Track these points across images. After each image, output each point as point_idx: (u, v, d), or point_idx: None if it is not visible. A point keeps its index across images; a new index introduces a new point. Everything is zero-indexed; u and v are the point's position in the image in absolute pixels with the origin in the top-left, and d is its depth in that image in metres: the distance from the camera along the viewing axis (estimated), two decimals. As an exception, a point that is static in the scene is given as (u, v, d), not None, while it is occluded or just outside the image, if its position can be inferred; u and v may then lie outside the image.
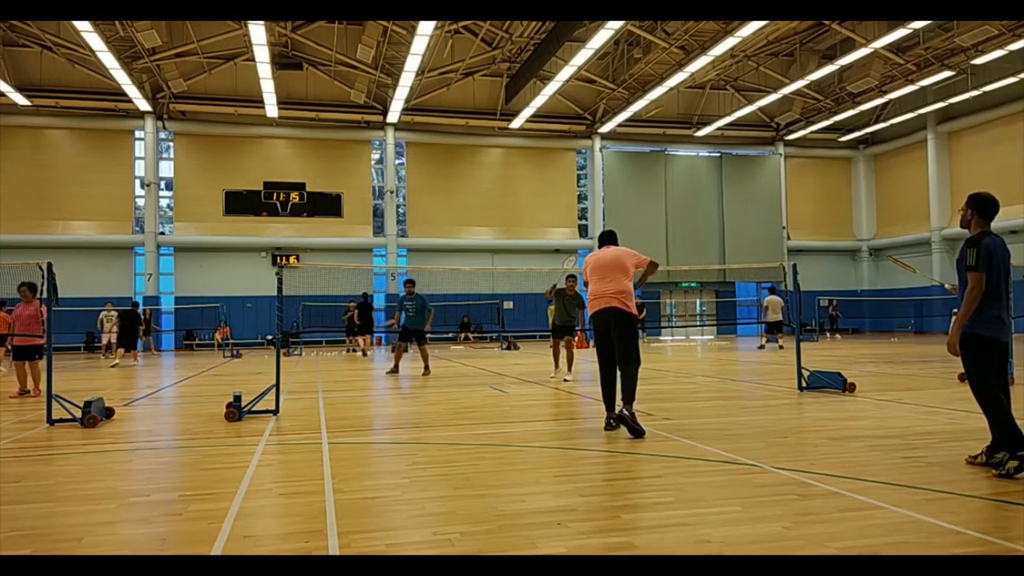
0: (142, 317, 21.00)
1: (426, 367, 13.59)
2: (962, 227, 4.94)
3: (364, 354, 21.56)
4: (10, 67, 25.66)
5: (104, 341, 23.06)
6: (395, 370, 13.65)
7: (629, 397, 6.39)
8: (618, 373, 6.67)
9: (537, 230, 32.11)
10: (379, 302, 29.03)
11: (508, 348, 24.03)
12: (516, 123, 30.10)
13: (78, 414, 7.37)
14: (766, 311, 21.54)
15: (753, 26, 21.67)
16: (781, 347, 20.82)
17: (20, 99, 25.72)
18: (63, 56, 25.86)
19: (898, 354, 18.00)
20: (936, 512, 3.80)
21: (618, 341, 6.62)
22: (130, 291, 27.75)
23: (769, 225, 34.06)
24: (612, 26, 21.07)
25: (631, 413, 6.25)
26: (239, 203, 29.20)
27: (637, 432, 6.15)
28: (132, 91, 25.44)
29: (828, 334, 30.18)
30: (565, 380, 11.57)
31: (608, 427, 6.63)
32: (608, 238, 7.21)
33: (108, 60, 22.55)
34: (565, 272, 12.54)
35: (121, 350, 18.23)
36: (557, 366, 12.41)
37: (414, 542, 3.51)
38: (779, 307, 21.25)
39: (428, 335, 14.13)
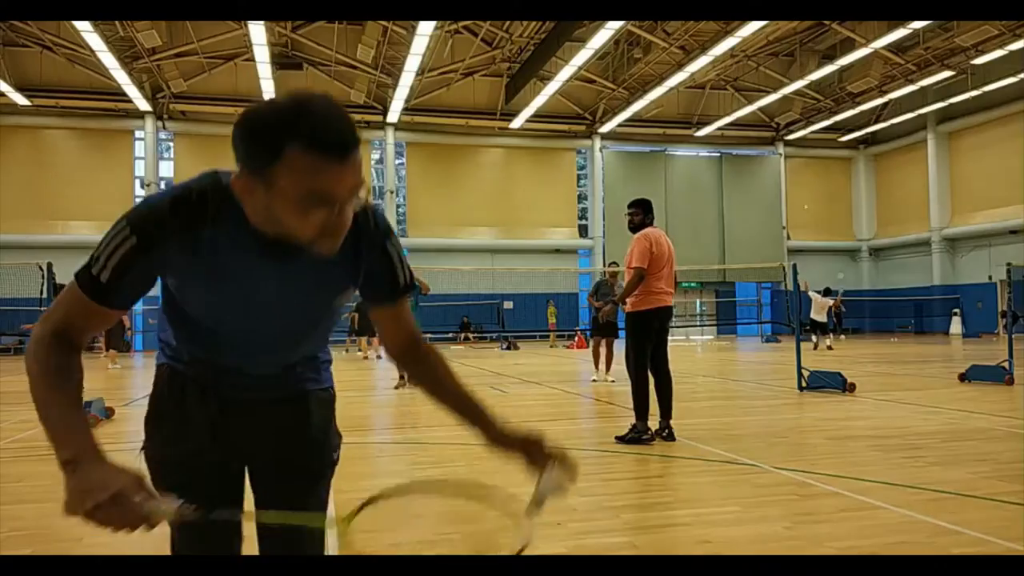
0: None
1: (402, 376, 10.21)
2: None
3: (366, 358, 19.64)
4: (10, 67, 25.63)
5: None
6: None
7: (671, 410, 6.13)
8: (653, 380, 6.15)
9: (537, 230, 32.08)
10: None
11: (508, 348, 24.01)
12: (516, 123, 30.09)
13: (78, 414, 7.33)
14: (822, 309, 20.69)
15: (753, 26, 21.67)
16: (830, 347, 20.64)
17: (20, 99, 25.70)
18: (63, 56, 25.84)
19: (898, 354, 18.00)
20: (936, 512, 3.80)
21: (663, 340, 6.27)
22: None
23: (769, 225, 34.06)
24: (612, 26, 21.07)
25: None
26: (239, 203, 29.14)
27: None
28: (132, 91, 25.42)
29: (833, 335, 29.69)
30: (611, 382, 10.86)
31: (651, 439, 5.96)
32: (651, 210, 6.35)
33: (108, 60, 22.54)
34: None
35: (113, 351, 17.03)
36: (598, 367, 11.37)
37: (414, 542, 3.51)
38: (822, 307, 20.47)
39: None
